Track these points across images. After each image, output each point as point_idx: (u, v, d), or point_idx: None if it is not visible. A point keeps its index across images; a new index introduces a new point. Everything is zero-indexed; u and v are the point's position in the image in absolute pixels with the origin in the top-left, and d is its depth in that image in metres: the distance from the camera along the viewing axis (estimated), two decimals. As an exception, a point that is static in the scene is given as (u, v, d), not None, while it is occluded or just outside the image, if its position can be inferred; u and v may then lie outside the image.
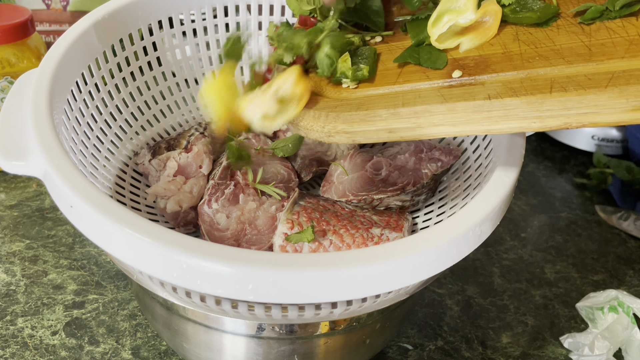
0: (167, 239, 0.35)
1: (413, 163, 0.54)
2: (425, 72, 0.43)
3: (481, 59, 0.42)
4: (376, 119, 0.41)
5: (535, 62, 0.39)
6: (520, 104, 0.37)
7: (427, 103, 0.40)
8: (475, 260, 0.67)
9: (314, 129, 0.43)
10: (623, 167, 0.78)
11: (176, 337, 0.48)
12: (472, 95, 0.39)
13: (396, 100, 0.41)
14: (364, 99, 0.43)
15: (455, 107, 0.39)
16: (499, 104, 0.37)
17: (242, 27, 0.60)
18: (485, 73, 0.40)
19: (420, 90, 0.41)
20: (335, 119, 0.42)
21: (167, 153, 0.55)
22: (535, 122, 0.37)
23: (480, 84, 0.40)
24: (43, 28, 0.90)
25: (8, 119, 0.44)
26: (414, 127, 0.40)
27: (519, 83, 0.38)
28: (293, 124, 0.45)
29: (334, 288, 0.35)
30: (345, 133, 0.42)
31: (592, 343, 0.55)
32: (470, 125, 0.38)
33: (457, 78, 0.41)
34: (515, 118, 0.37)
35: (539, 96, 0.37)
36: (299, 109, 0.44)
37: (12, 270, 0.61)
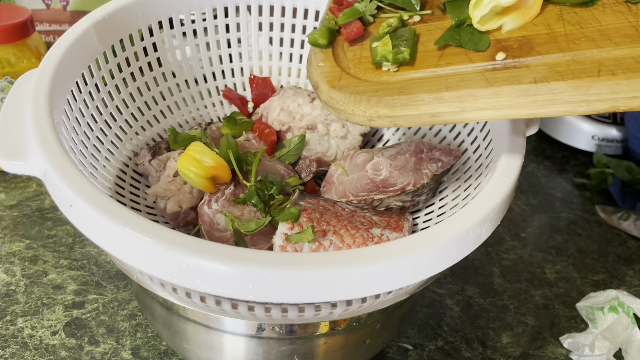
0: (167, 239, 0.35)
1: (413, 163, 0.54)
2: (467, 54, 0.42)
3: (525, 40, 0.41)
4: (419, 103, 0.40)
5: (581, 44, 0.38)
6: (567, 87, 0.36)
7: (471, 87, 0.39)
8: (475, 260, 0.67)
9: (355, 113, 0.42)
10: (623, 167, 0.78)
11: (176, 337, 0.48)
12: (518, 79, 0.38)
13: (439, 84, 0.41)
14: (406, 83, 0.42)
15: (500, 91, 0.38)
16: (546, 88, 0.37)
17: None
18: (530, 55, 0.39)
19: (464, 74, 0.41)
20: (377, 103, 0.42)
21: (167, 153, 0.55)
22: (582, 106, 0.36)
23: (525, 67, 0.39)
24: (43, 28, 0.91)
25: (8, 118, 0.44)
26: (457, 112, 0.39)
27: (565, 66, 0.37)
28: (333, 108, 0.44)
29: (334, 288, 0.35)
30: (388, 117, 0.41)
31: (592, 343, 0.55)
32: (516, 109, 0.38)
33: (501, 60, 0.40)
34: (561, 102, 0.36)
35: (587, 80, 0.36)
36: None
37: (12, 270, 0.61)
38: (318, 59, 0.48)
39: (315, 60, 0.48)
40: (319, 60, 0.48)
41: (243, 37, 0.65)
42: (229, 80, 0.66)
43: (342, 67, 0.47)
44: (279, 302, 0.38)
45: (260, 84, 0.64)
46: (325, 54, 0.49)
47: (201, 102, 0.64)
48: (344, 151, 0.59)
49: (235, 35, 0.65)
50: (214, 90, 0.65)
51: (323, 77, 0.46)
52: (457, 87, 0.39)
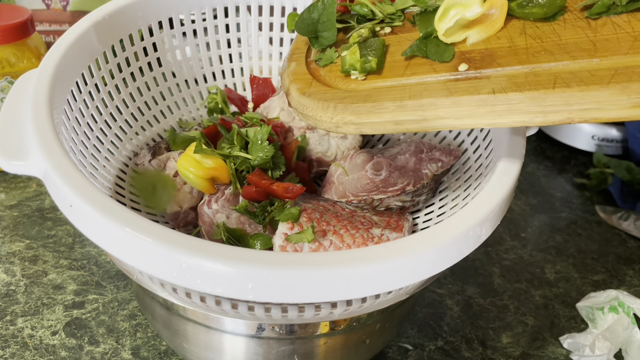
0: (167, 239, 0.35)
1: (413, 163, 0.54)
2: (432, 65, 0.43)
3: (487, 52, 0.42)
4: (383, 111, 0.41)
5: (541, 57, 0.40)
6: (523, 98, 0.37)
7: (432, 96, 0.40)
8: (475, 260, 0.67)
9: (323, 119, 0.44)
10: (623, 167, 0.78)
11: (176, 337, 0.48)
12: (477, 89, 0.39)
13: (403, 93, 0.42)
14: (372, 91, 0.44)
15: (460, 100, 0.39)
16: (503, 99, 0.38)
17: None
18: (491, 67, 0.41)
19: (427, 83, 0.42)
20: (343, 110, 0.43)
21: (167, 153, 0.55)
22: (538, 117, 0.37)
23: (486, 78, 0.40)
24: (43, 28, 0.91)
25: (8, 119, 0.44)
26: (419, 120, 0.40)
27: (523, 78, 0.39)
28: (303, 114, 0.45)
29: (334, 287, 0.35)
30: (353, 124, 0.42)
31: (592, 343, 0.55)
32: (475, 118, 0.39)
33: (464, 71, 0.41)
34: (518, 112, 0.37)
35: (542, 91, 0.37)
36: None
37: (12, 270, 0.61)
38: (290, 64, 0.50)
39: (289, 65, 0.50)
40: (291, 66, 0.50)
41: (243, 37, 0.65)
42: (229, 80, 0.66)
43: (313, 74, 0.48)
44: (278, 302, 0.38)
45: (261, 84, 0.64)
46: (298, 60, 0.50)
47: (201, 102, 0.64)
48: (344, 151, 0.59)
49: (235, 35, 0.65)
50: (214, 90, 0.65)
51: (294, 84, 0.48)
52: (420, 96, 0.41)
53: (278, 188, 0.50)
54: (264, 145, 0.51)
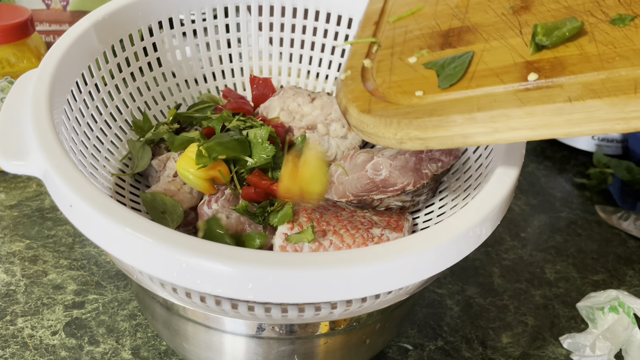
0: (167, 238, 0.35)
1: (413, 163, 0.54)
2: (498, 76, 0.42)
3: (557, 60, 0.40)
4: (451, 125, 0.40)
5: (616, 63, 0.38)
6: (603, 105, 0.36)
7: (503, 107, 0.39)
8: (475, 260, 0.67)
9: (386, 136, 0.43)
10: (623, 167, 0.78)
11: (176, 337, 0.48)
12: (551, 98, 0.38)
13: (471, 105, 0.40)
14: (437, 105, 0.42)
15: (534, 110, 0.38)
16: (581, 107, 0.36)
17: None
18: (563, 75, 0.39)
19: (495, 94, 0.40)
20: (407, 125, 0.42)
21: (167, 153, 0.55)
22: (619, 124, 0.36)
23: (559, 87, 0.38)
24: (43, 28, 0.91)
25: (8, 118, 0.44)
26: (490, 132, 0.39)
27: (600, 84, 0.37)
28: (363, 132, 0.44)
29: (334, 287, 0.35)
30: (419, 139, 0.41)
31: (593, 344, 0.55)
32: (551, 128, 0.37)
33: (534, 81, 0.40)
34: (597, 120, 0.36)
35: (623, 97, 0.35)
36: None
37: (12, 270, 0.61)
38: (347, 84, 0.49)
39: (344, 85, 0.49)
40: (347, 85, 0.48)
41: (243, 37, 0.65)
42: (229, 80, 0.66)
43: (371, 92, 0.47)
44: (278, 302, 0.38)
45: (261, 84, 0.64)
46: (354, 79, 0.49)
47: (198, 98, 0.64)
48: (344, 151, 0.59)
49: (235, 35, 0.65)
50: (214, 90, 0.65)
51: (352, 102, 0.46)
52: (490, 108, 0.39)
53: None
54: (265, 145, 0.51)
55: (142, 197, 0.52)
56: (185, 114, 0.59)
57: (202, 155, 0.50)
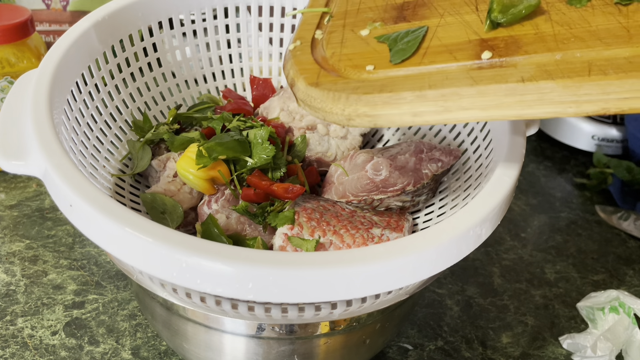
0: (167, 238, 0.35)
1: (413, 163, 0.54)
2: (452, 53, 0.40)
3: (512, 39, 0.40)
4: (401, 102, 0.39)
5: (571, 44, 0.37)
6: (556, 87, 0.35)
7: (455, 85, 0.38)
8: (475, 260, 0.67)
9: (334, 111, 0.41)
10: (623, 167, 0.78)
11: (176, 337, 0.48)
12: (504, 77, 0.37)
13: (422, 82, 0.39)
14: (387, 80, 0.41)
15: (486, 90, 0.37)
16: (534, 87, 0.36)
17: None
18: (517, 54, 0.38)
19: (448, 72, 0.39)
20: (356, 101, 0.40)
21: (167, 154, 0.55)
22: (571, 107, 0.35)
23: (512, 66, 0.37)
24: (43, 28, 0.91)
25: (8, 118, 0.44)
26: (441, 111, 0.38)
27: (554, 65, 0.36)
28: (310, 107, 0.42)
29: (334, 287, 0.35)
30: (367, 116, 0.39)
31: (594, 344, 0.55)
32: (502, 109, 0.36)
33: (487, 60, 0.39)
34: (550, 102, 0.35)
35: (577, 79, 0.35)
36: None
37: (12, 270, 0.61)
38: (295, 55, 0.47)
39: (293, 56, 0.47)
40: (296, 56, 0.47)
41: (243, 38, 0.65)
42: (229, 80, 0.66)
43: (321, 64, 0.45)
44: (279, 302, 0.38)
45: (261, 85, 0.64)
46: (303, 50, 0.47)
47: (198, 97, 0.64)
48: (344, 151, 0.59)
49: (235, 35, 0.65)
50: (214, 91, 0.65)
51: (300, 74, 0.44)
52: (441, 85, 0.38)
53: (278, 189, 0.50)
54: (265, 145, 0.51)
55: (142, 197, 0.52)
56: (186, 114, 0.59)
57: (202, 156, 0.50)
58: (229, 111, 0.58)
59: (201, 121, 0.58)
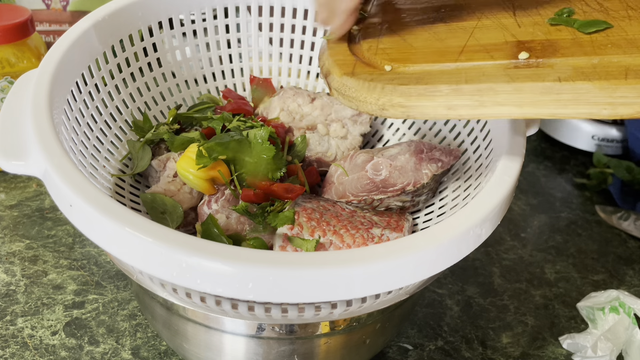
0: (167, 238, 0.35)
1: (413, 163, 0.54)
2: (489, 52, 0.41)
3: (549, 42, 0.40)
4: (436, 94, 0.39)
5: (608, 50, 0.38)
6: (592, 88, 0.36)
7: (492, 81, 0.38)
8: (475, 260, 0.67)
9: (368, 100, 0.41)
10: (623, 167, 0.78)
11: (176, 337, 0.48)
12: (541, 76, 0.37)
13: (459, 77, 0.40)
14: (423, 74, 0.41)
15: (522, 87, 0.37)
16: (570, 87, 0.36)
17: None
18: (554, 56, 0.39)
19: (484, 68, 0.40)
20: (392, 91, 0.40)
21: (167, 154, 0.55)
22: (606, 109, 0.35)
23: (549, 67, 0.38)
24: (43, 28, 0.91)
25: (8, 118, 0.44)
26: (476, 105, 0.38)
27: (591, 68, 0.37)
28: (344, 96, 0.43)
29: (334, 287, 0.35)
30: (401, 107, 0.40)
31: (595, 344, 0.55)
32: (537, 107, 0.37)
33: (524, 59, 0.39)
34: (585, 103, 0.36)
35: (613, 82, 0.35)
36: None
37: (12, 270, 0.61)
38: (331, 46, 0.48)
39: (329, 47, 0.48)
40: (332, 48, 0.47)
41: (243, 38, 0.65)
42: (229, 80, 0.66)
43: (357, 56, 0.46)
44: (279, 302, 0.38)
45: (261, 85, 0.64)
46: (339, 43, 0.48)
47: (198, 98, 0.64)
48: (344, 151, 0.59)
49: (235, 35, 0.65)
50: (214, 91, 0.65)
51: (335, 65, 0.45)
52: (478, 81, 0.39)
53: (278, 189, 0.50)
54: (265, 145, 0.51)
55: (142, 197, 0.52)
56: (186, 114, 0.59)
57: (202, 156, 0.50)
58: (229, 111, 0.58)
59: (201, 121, 0.58)
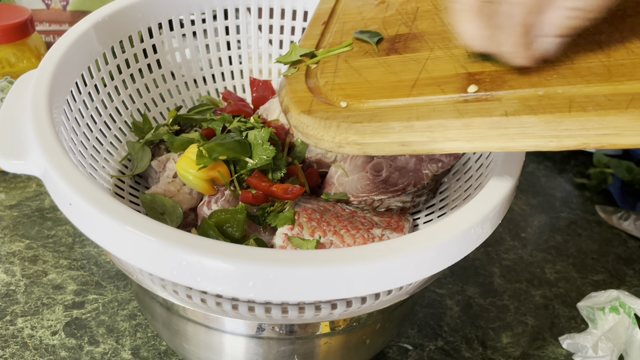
0: (167, 236, 0.35)
1: (413, 164, 0.54)
2: (440, 86, 0.42)
3: (497, 74, 0.41)
4: (389, 132, 0.40)
5: (553, 80, 0.39)
6: (537, 122, 0.36)
7: (442, 117, 0.39)
8: (475, 260, 0.67)
9: (324, 139, 0.42)
10: (623, 167, 0.78)
11: (176, 337, 0.48)
12: (489, 111, 0.38)
13: (410, 113, 0.41)
14: (377, 110, 0.42)
15: (471, 122, 0.38)
16: (516, 121, 0.37)
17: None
18: (502, 89, 0.40)
19: (435, 104, 0.41)
20: (346, 129, 0.41)
21: (166, 154, 0.55)
22: (552, 141, 0.36)
23: (497, 100, 0.39)
24: (43, 28, 0.91)
25: (8, 118, 0.44)
26: (427, 142, 0.39)
27: (536, 100, 0.38)
28: (303, 133, 0.44)
29: (335, 285, 0.35)
30: (357, 144, 0.41)
31: (595, 344, 0.55)
32: (486, 141, 0.38)
33: (473, 93, 0.40)
34: (532, 136, 0.36)
35: (558, 115, 0.36)
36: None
37: (12, 270, 0.61)
38: (290, 82, 0.49)
39: (288, 83, 0.49)
40: (291, 84, 0.48)
41: (243, 39, 0.66)
42: (229, 82, 0.66)
43: (314, 92, 0.47)
44: (279, 300, 0.38)
45: (261, 87, 0.64)
46: (297, 78, 0.49)
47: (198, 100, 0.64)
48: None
49: (235, 37, 0.65)
50: (214, 93, 0.65)
51: (293, 102, 0.46)
52: (428, 117, 0.40)
53: (278, 189, 0.50)
54: (266, 146, 0.51)
55: (141, 198, 0.52)
56: (186, 115, 0.59)
57: (202, 156, 0.50)
58: (229, 113, 0.58)
59: (201, 122, 0.58)
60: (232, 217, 0.48)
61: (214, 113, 0.60)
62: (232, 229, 0.48)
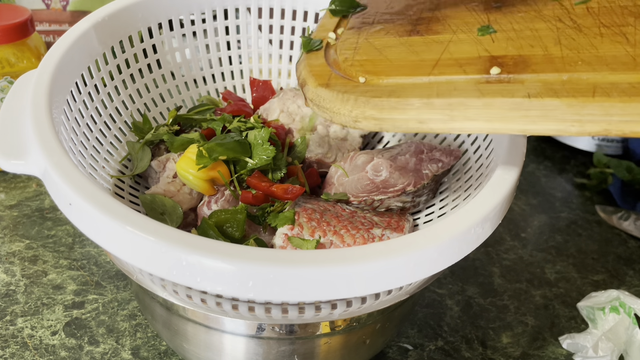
0: (167, 236, 0.35)
1: (413, 164, 0.54)
2: (462, 67, 0.42)
3: (520, 58, 0.41)
4: (408, 108, 0.40)
5: (578, 66, 0.39)
6: (560, 105, 0.36)
7: (462, 96, 0.39)
8: (475, 260, 0.67)
9: (341, 112, 0.42)
10: (623, 167, 0.78)
11: (176, 337, 0.48)
12: (511, 92, 0.38)
13: (430, 90, 0.40)
14: (397, 87, 0.42)
15: (492, 102, 0.38)
16: (538, 104, 0.37)
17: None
18: (525, 72, 0.39)
19: (456, 83, 0.40)
20: (364, 104, 0.41)
21: (166, 154, 0.55)
22: (574, 126, 0.36)
23: (519, 82, 0.39)
24: (43, 28, 0.91)
25: (8, 118, 0.44)
26: (446, 120, 0.39)
27: (560, 85, 0.37)
28: (319, 106, 0.43)
29: (335, 285, 0.35)
30: (374, 119, 0.41)
31: (595, 344, 0.55)
32: (506, 122, 0.37)
33: (496, 75, 0.40)
34: (553, 119, 0.36)
35: (581, 99, 0.36)
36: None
37: (11, 270, 0.61)
38: (309, 57, 0.48)
39: (307, 57, 0.48)
40: (309, 58, 0.48)
41: (243, 39, 0.66)
42: (229, 82, 0.66)
43: (332, 67, 0.46)
44: (279, 300, 0.38)
45: (261, 87, 0.64)
46: (316, 54, 0.48)
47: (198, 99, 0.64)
48: (344, 153, 0.59)
49: (234, 37, 0.65)
50: (214, 93, 0.65)
51: (311, 75, 0.46)
52: (449, 95, 0.39)
53: (278, 189, 0.50)
54: (266, 146, 0.51)
55: (141, 198, 0.52)
56: (185, 115, 0.59)
57: (202, 156, 0.50)
58: (229, 113, 0.58)
59: (201, 122, 0.58)
60: (232, 217, 0.48)
61: (214, 113, 0.60)
62: (232, 229, 0.48)
